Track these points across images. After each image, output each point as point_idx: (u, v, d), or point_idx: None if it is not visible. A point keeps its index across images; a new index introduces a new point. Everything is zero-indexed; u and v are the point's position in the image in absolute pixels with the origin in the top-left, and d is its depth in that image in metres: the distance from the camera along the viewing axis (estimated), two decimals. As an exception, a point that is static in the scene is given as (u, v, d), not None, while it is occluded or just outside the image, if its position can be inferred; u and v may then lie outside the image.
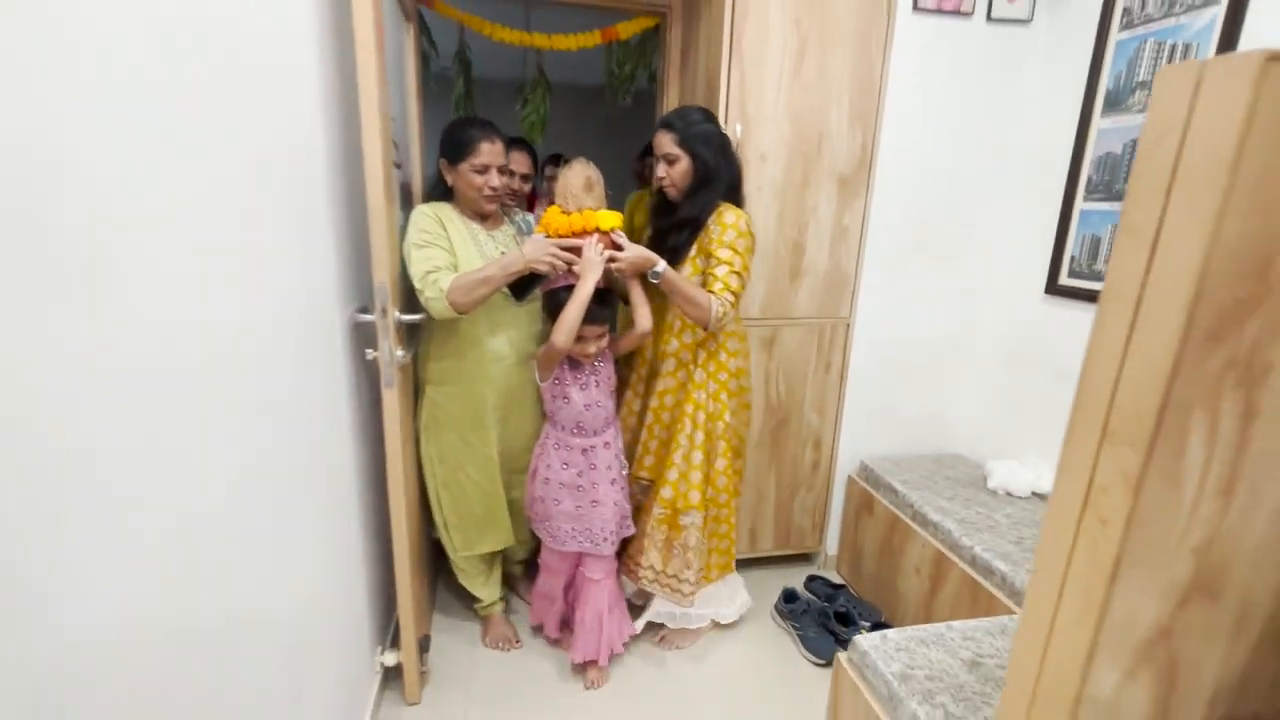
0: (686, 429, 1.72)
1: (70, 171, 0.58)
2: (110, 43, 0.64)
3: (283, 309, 1.08)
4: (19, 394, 0.52)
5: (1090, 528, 0.67)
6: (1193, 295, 0.57)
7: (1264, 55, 0.51)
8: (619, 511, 1.76)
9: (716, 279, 1.59)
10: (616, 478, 1.75)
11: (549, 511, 1.74)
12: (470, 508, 1.79)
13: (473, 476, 1.77)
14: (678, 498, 1.74)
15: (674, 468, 1.74)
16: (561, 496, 1.72)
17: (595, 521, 1.72)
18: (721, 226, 1.61)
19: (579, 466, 1.70)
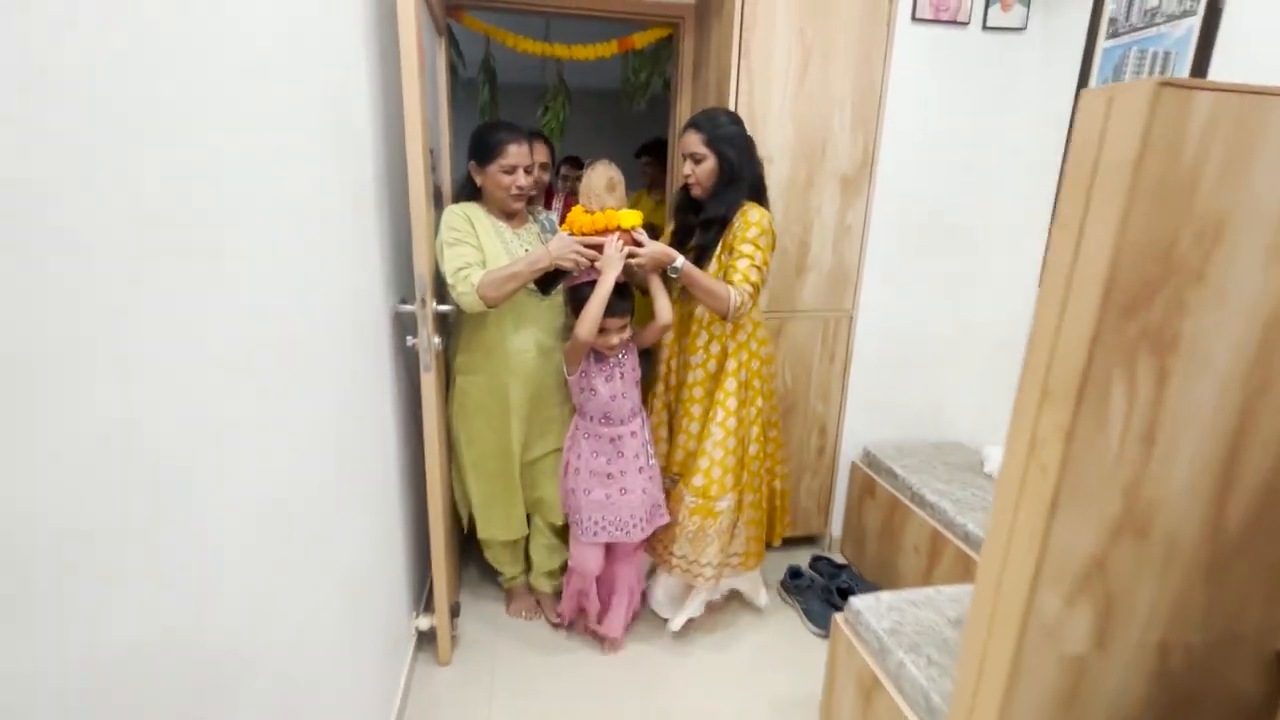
0: (719, 417, 1.79)
1: (212, 192, 0.73)
2: (233, 91, 0.78)
3: (345, 301, 1.24)
4: (172, 367, 0.66)
5: (1034, 473, 0.80)
6: (1108, 276, 0.70)
7: (1156, 82, 0.64)
8: (649, 499, 1.81)
9: (737, 270, 1.66)
10: (645, 466, 1.81)
11: (580, 502, 1.79)
12: (493, 493, 1.89)
13: (495, 464, 1.86)
14: (710, 484, 1.80)
15: (705, 455, 1.80)
16: (592, 485, 1.77)
17: (625, 510, 1.77)
18: (745, 224, 1.70)
19: (608, 454, 1.76)
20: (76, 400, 0.52)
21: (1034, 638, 0.84)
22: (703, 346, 1.83)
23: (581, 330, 1.61)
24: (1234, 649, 0.93)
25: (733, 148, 1.71)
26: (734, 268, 1.67)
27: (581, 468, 1.78)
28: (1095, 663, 0.88)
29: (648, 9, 2.33)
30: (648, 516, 1.81)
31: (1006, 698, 0.87)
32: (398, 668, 1.70)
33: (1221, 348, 0.75)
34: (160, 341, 0.63)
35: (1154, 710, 0.94)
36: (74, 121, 0.52)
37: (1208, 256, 0.71)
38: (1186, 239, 0.70)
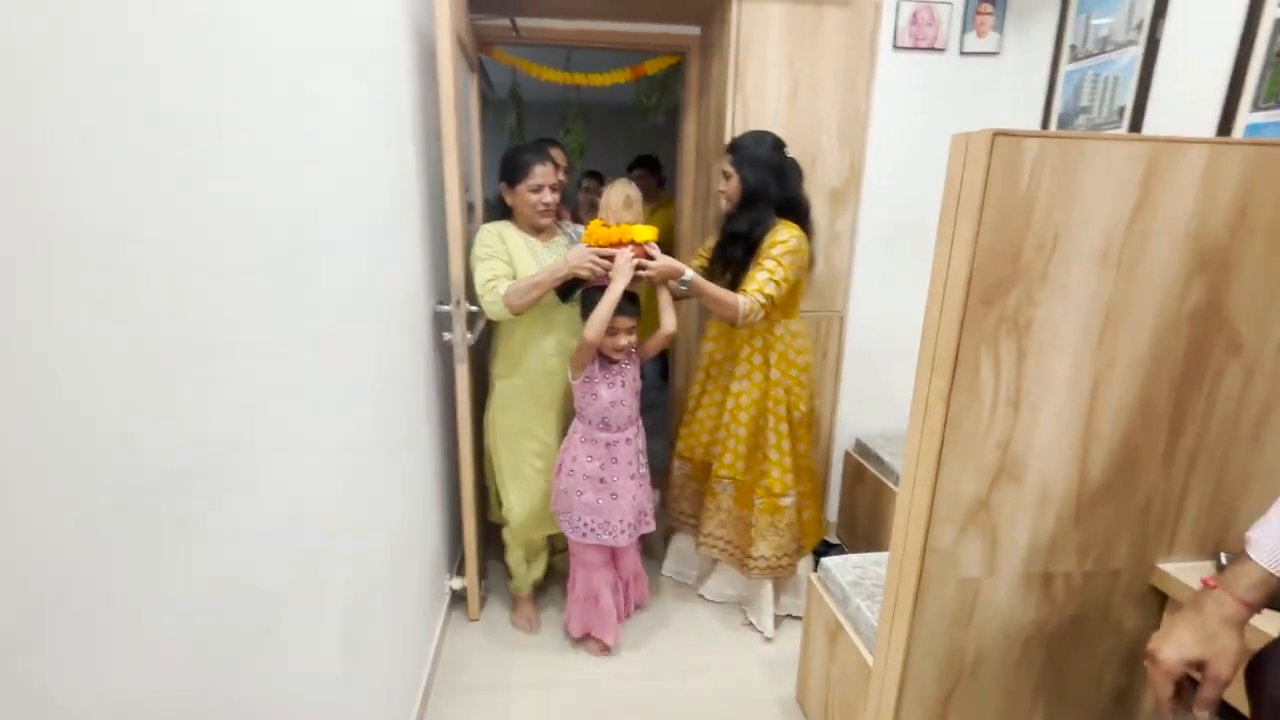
0: (771, 423, 1.92)
1: (315, 222, 0.99)
2: (330, 145, 1.05)
3: (397, 300, 1.51)
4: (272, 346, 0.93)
5: (926, 431, 1.02)
6: (969, 275, 0.92)
7: (993, 132, 0.87)
8: (636, 506, 1.88)
9: (754, 281, 1.78)
10: (636, 474, 1.88)
11: (571, 503, 1.85)
12: (532, 492, 1.98)
13: (534, 464, 1.97)
14: (773, 484, 1.93)
15: (767, 460, 1.92)
16: (584, 488, 1.84)
17: (614, 514, 1.84)
18: (772, 241, 1.81)
19: (601, 459, 1.83)
20: (229, 372, 0.78)
21: (933, 562, 1.06)
22: (745, 359, 1.95)
23: (589, 332, 1.71)
24: (1111, 581, 1.13)
25: (753, 169, 1.83)
26: (752, 279, 1.79)
27: (576, 470, 1.85)
28: (987, 585, 1.09)
29: (657, 40, 2.58)
30: (634, 523, 1.89)
31: (916, 612, 1.09)
32: (434, 620, 1.96)
33: (1069, 331, 0.97)
34: (281, 324, 0.90)
35: (1044, 631, 1.14)
36: (247, 187, 0.79)
37: (1048, 261, 0.93)
38: (1030, 247, 0.92)
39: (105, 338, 0.55)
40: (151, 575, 0.61)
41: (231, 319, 0.76)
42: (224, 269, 0.75)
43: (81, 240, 0.53)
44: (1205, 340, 1.01)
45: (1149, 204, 0.93)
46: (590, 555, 1.92)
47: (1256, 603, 0.75)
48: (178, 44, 0.66)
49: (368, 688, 1.27)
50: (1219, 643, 0.73)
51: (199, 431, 0.69)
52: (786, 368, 1.94)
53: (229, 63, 0.76)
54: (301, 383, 0.98)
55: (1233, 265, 0.97)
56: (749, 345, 1.94)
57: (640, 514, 1.92)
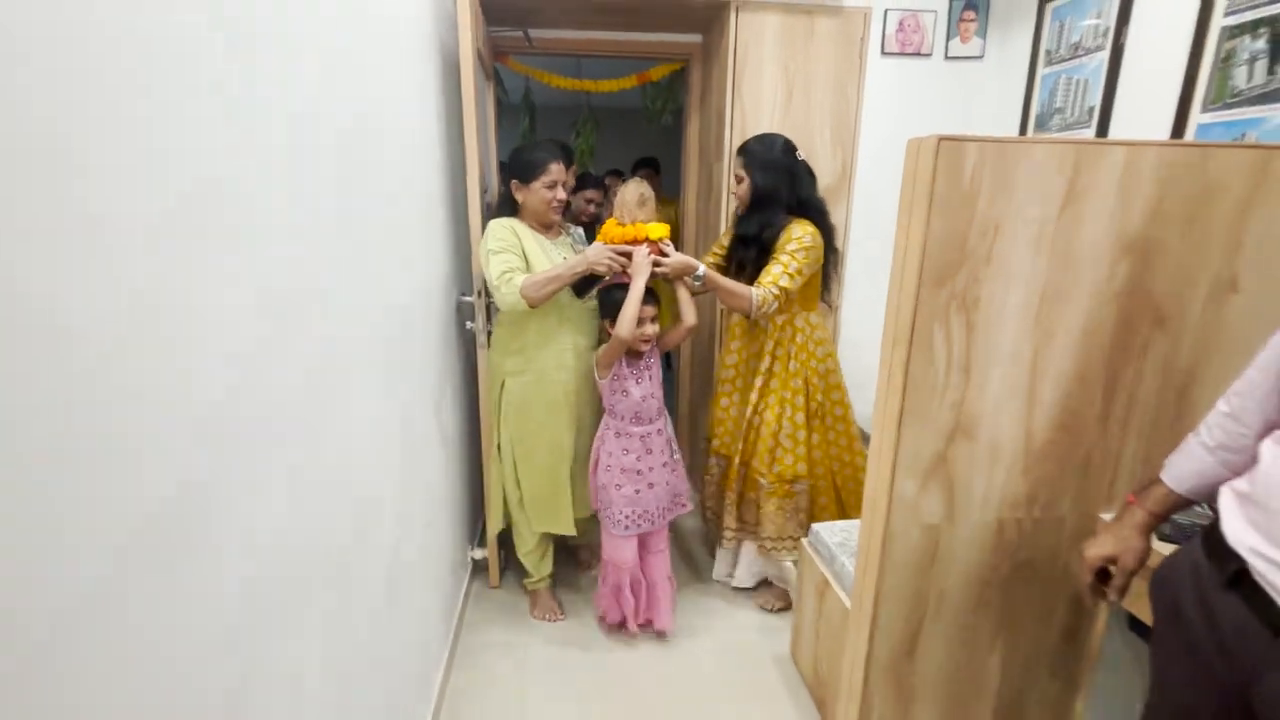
0: (789, 412, 2.00)
1: (367, 221, 1.17)
2: (379, 161, 1.23)
3: (431, 290, 1.69)
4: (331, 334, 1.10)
5: (889, 395, 1.18)
6: (921, 258, 1.08)
7: (939, 138, 1.03)
8: (670, 490, 1.98)
9: (769, 274, 1.85)
10: (668, 461, 1.96)
11: (611, 497, 1.91)
12: (541, 487, 2.03)
13: (545, 458, 2.00)
14: (785, 470, 2.01)
15: (780, 446, 2.01)
16: (623, 481, 1.89)
17: (652, 502, 1.93)
18: (787, 237, 1.88)
19: (637, 452, 1.89)
20: (300, 348, 0.95)
21: (899, 510, 1.22)
22: (769, 352, 2.01)
23: (622, 330, 1.75)
24: (1057, 528, 1.29)
25: (763, 171, 1.90)
26: (768, 272, 1.86)
27: (613, 465, 1.90)
28: (948, 532, 1.25)
29: (662, 48, 2.74)
30: (669, 506, 1.99)
31: (885, 556, 1.25)
32: (458, 587, 2.14)
33: (1011, 307, 1.13)
34: (342, 308, 1.08)
35: (999, 574, 1.30)
36: (311, 184, 0.96)
37: (990, 247, 1.09)
38: (974, 235, 1.08)
39: (228, 306, 0.72)
40: (262, 513, 0.79)
41: (305, 304, 0.94)
42: (304, 256, 0.92)
43: (190, 222, 0.70)
44: (1133, 315, 1.16)
45: (1076, 198, 1.08)
46: (622, 553, 1.95)
47: (1161, 513, 0.92)
48: (281, 66, 0.83)
49: (405, 624, 1.45)
50: (1128, 543, 0.89)
51: (283, 398, 0.87)
52: (806, 359, 2.00)
53: (306, 74, 0.94)
54: (355, 359, 1.15)
55: (1153, 249, 1.13)
56: (771, 340, 2.00)
57: (674, 497, 2.00)
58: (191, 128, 0.65)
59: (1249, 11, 1.54)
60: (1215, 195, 1.11)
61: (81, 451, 0.50)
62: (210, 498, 0.68)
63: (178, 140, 0.62)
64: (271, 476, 0.81)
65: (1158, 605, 0.92)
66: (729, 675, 1.90)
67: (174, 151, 0.62)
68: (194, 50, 0.65)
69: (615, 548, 1.95)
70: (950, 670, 1.35)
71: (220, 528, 0.69)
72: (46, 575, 0.47)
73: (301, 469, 0.91)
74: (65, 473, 0.49)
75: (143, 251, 0.57)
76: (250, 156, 0.77)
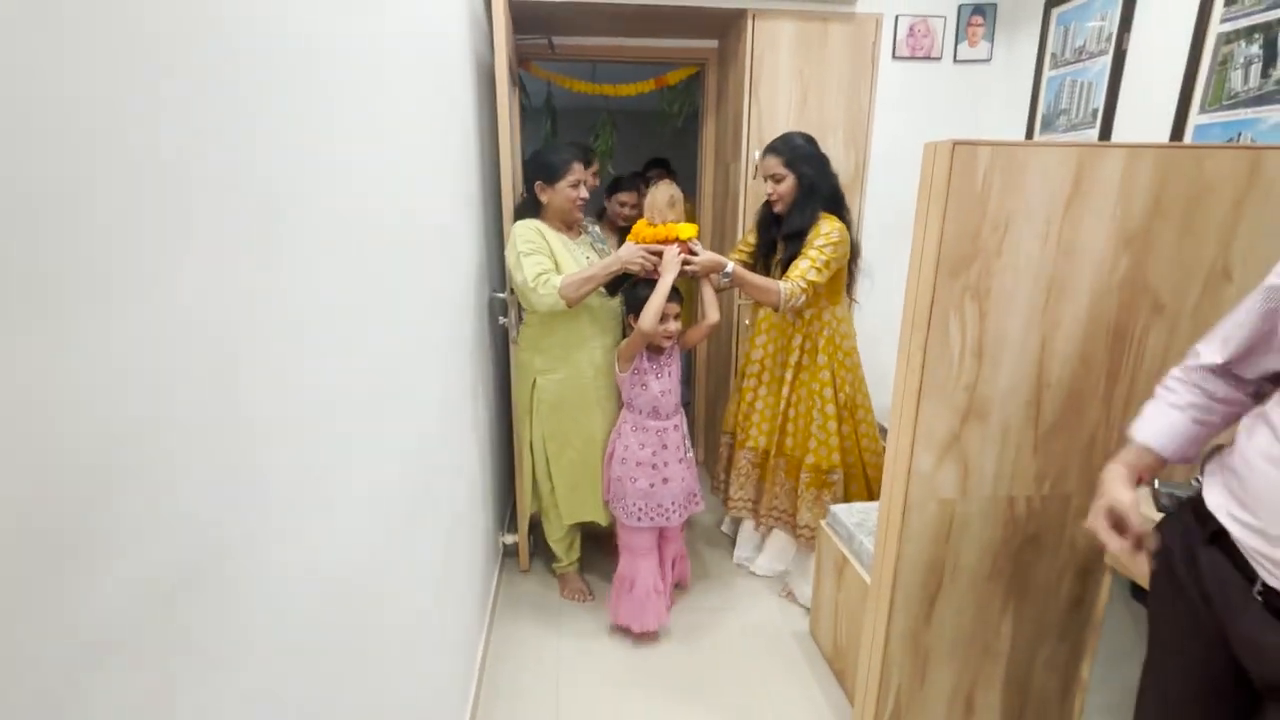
0: (819, 404, 2.07)
1: (419, 227, 1.27)
2: (435, 175, 1.33)
3: (469, 286, 1.79)
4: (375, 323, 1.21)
5: (908, 377, 1.28)
6: (938, 251, 1.18)
7: (954, 142, 1.13)
8: (685, 488, 2.01)
9: (797, 269, 1.89)
10: (684, 457, 2.00)
11: (625, 490, 1.95)
12: (574, 480, 2.11)
13: (578, 452, 2.09)
14: (820, 460, 2.08)
15: (813, 438, 2.08)
16: (638, 475, 1.94)
17: (666, 497, 1.96)
18: (816, 233, 1.92)
19: (653, 446, 1.94)
20: (366, 339, 1.06)
21: (917, 484, 1.32)
22: (798, 347, 2.09)
23: (645, 323, 1.81)
24: (1064, 504, 1.38)
25: (809, 165, 1.95)
26: (796, 266, 1.91)
27: (628, 458, 1.96)
28: (961, 506, 1.35)
29: (679, 53, 2.85)
30: (684, 503, 2.01)
31: (904, 527, 1.35)
32: (491, 570, 2.25)
33: (1020, 298, 1.23)
34: (400, 305, 1.18)
35: (1010, 546, 1.40)
36: (372, 189, 1.07)
37: (1001, 241, 1.19)
38: (986, 230, 1.18)
39: (330, 306, 0.83)
40: (358, 474, 0.89)
41: (371, 300, 1.05)
42: (369, 256, 1.03)
43: (281, 225, 0.81)
44: (1133, 304, 1.26)
45: (1079, 196, 1.18)
46: (638, 541, 1.99)
47: (1133, 464, 1.01)
48: (373, 90, 0.94)
49: (456, 579, 1.56)
50: (1113, 491, 0.99)
51: (370, 382, 0.98)
52: (834, 351, 2.06)
53: (359, 85, 1.04)
54: (410, 347, 1.26)
55: (1152, 243, 1.22)
56: (800, 334, 2.06)
57: (689, 495, 2.04)
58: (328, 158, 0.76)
59: (1244, 18, 1.63)
60: (1209, 193, 1.21)
61: (244, 420, 0.61)
62: (336, 454, 0.79)
63: (329, 161, 0.73)
64: (373, 436, 0.92)
65: (1154, 563, 1.01)
66: (752, 650, 2.01)
67: (324, 170, 0.73)
68: (340, 95, 0.76)
69: (631, 536, 1.99)
70: (964, 635, 1.45)
71: (331, 483, 0.80)
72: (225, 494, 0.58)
73: (391, 435, 1.02)
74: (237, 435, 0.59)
75: (292, 255, 0.68)
76: (347, 162, 0.87)
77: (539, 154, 2.00)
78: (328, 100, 0.81)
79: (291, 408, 0.69)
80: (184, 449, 0.49)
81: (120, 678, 0.43)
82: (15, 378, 0.35)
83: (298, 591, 0.69)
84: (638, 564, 2.00)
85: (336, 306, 0.84)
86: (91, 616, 0.40)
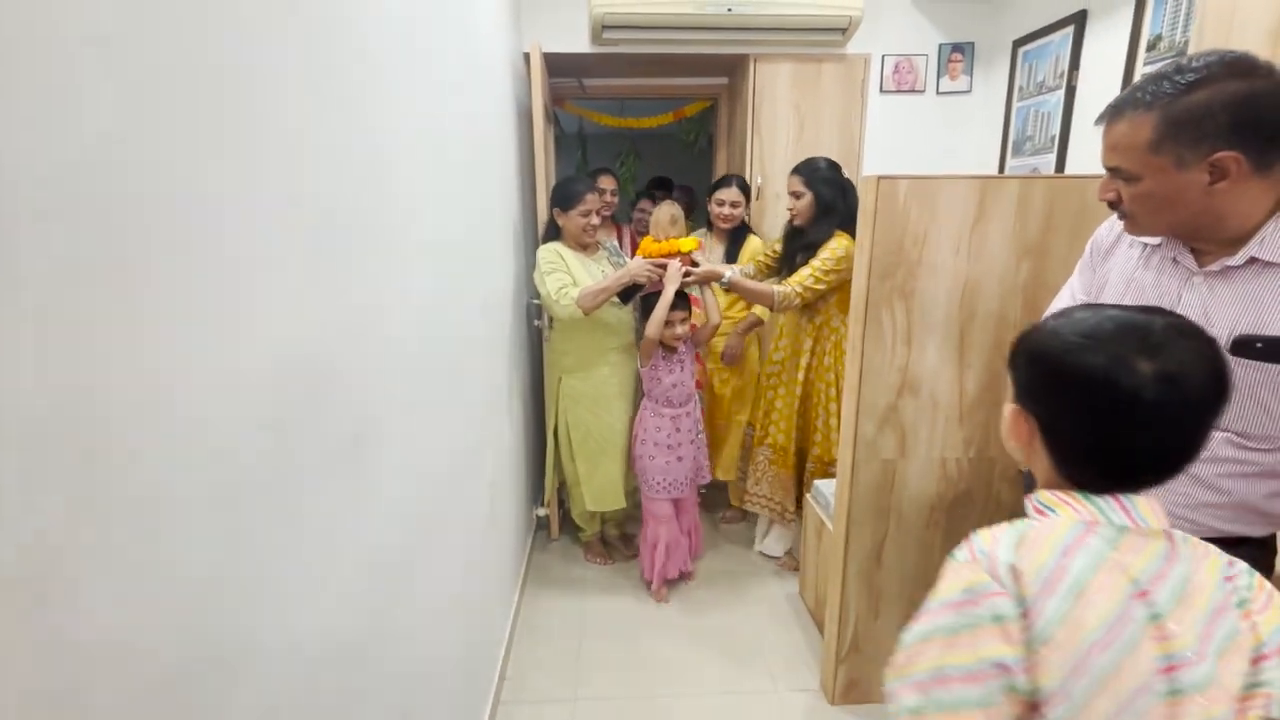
0: (823, 401, 2.28)
1: (478, 244, 1.66)
2: (484, 198, 1.73)
3: (511, 289, 2.19)
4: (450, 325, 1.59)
5: (853, 360, 1.61)
6: (869, 259, 1.51)
7: (878, 176, 1.47)
8: (695, 465, 2.35)
9: (798, 274, 2.10)
10: (695, 439, 2.32)
11: (646, 466, 2.29)
12: (594, 466, 2.39)
13: (597, 442, 2.36)
14: (823, 453, 2.30)
15: (818, 431, 2.31)
16: (656, 454, 2.26)
17: (680, 473, 2.30)
18: (826, 248, 2.12)
19: (668, 430, 2.26)
20: (441, 333, 1.44)
21: (862, 446, 1.64)
22: (807, 350, 2.28)
23: (649, 330, 2.14)
24: (990, 466, 1.68)
25: (827, 186, 2.15)
26: (798, 273, 2.12)
27: (648, 439, 2.28)
28: (901, 466, 1.66)
29: (694, 89, 3.23)
30: (693, 477, 2.36)
31: (853, 483, 1.67)
32: (526, 539, 2.62)
33: (940, 297, 1.55)
34: (465, 304, 1.57)
35: (945, 500, 1.70)
36: (445, 215, 1.45)
37: (921, 251, 1.52)
38: (908, 242, 1.51)
39: (420, 307, 1.22)
40: (425, 435, 1.28)
41: (447, 303, 1.44)
42: (444, 269, 1.42)
43: (375, 234, 1.20)
44: (1035, 301, 1.56)
45: (984, 217, 1.50)
46: (659, 509, 2.33)
47: None
48: (459, 133, 1.34)
49: (497, 544, 1.93)
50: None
51: (447, 365, 1.36)
52: (839, 355, 2.22)
53: (440, 127, 1.44)
54: (469, 342, 1.65)
55: (1047, 252, 1.53)
56: (810, 337, 2.26)
57: (698, 469, 2.38)
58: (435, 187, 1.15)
59: (1159, 62, 1.92)
60: (1092, 211, 1.51)
61: (376, 394, 0.99)
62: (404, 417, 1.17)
63: (429, 187, 1.13)
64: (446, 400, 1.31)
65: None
66: (748, 608, 2.32)
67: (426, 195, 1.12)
68: (427, 151, 1.16)
69: (653, 505, 2.34)
70: (909, 576, 1.75)
71: (386, 452, 1.19)
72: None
73: (458, 404, 1.41)
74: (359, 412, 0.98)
75: (405, 261, 1.07)
76: (436, 189, 1.27)
77: (560, 184, 2.30)
78: (425, 154, 1.20)
79: (399, 378, 1.08)
80: (342, 389, 0.88)
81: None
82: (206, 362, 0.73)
83: (404, 495, 1.08)
84: (659, 529, 2.33)
85: (425, 306, 1.23)
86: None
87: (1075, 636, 0.59)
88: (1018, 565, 0.63)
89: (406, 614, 1.12)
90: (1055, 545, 0.63)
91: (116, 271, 0.48)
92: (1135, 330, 0.64)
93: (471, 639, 1.60)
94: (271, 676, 0.69)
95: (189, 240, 0.56)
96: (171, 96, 0.54)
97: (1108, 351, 0.64)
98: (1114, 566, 0.62)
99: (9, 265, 0.40)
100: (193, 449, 0.56)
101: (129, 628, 0.49)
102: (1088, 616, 0.60)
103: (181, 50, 0.55)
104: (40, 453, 0.42)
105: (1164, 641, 0.60)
